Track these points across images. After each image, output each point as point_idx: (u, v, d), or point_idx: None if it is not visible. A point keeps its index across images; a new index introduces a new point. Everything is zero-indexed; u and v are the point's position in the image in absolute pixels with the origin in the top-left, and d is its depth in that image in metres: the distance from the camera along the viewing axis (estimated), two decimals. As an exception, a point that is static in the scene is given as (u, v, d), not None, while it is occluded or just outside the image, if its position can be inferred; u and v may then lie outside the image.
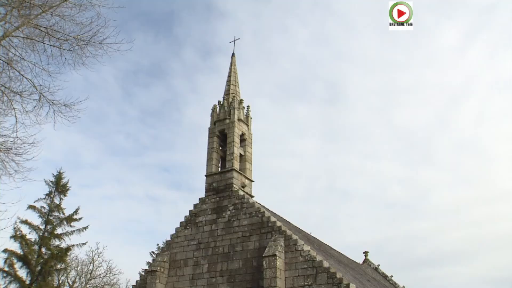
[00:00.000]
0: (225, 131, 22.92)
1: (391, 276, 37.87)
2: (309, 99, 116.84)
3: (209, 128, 23.59)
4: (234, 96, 23.99)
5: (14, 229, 33.57)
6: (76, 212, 36.36)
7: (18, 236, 33.75)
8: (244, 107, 24.02)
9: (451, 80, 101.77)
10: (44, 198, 35.75)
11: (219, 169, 22.56)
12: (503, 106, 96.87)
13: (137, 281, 22.72)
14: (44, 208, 35.50)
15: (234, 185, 21.27)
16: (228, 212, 20.75)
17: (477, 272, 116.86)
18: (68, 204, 66.64)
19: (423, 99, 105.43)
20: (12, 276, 33.33)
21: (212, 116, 23.90)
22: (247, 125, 23.79)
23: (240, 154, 22.75)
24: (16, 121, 12.94)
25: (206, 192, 22.03)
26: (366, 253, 39.62)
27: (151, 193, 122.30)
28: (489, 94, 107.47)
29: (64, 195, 36.47)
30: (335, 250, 30.44)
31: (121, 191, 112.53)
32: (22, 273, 33.86)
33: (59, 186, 36.14)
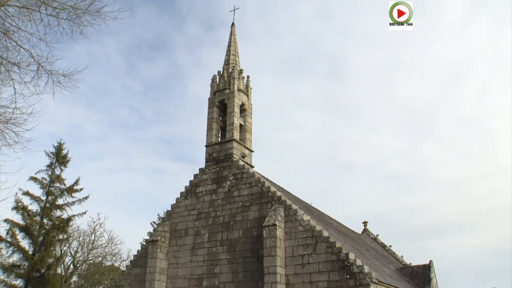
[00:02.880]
0: (225, 101, 22.79)
1: (390, 246, 38.26)
2: (311, 73, 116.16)
3: (209, 99, 23.44)
4: (234, 66, 23.76)
5: (15, 200, 33.77)
6: (76, 182, 36.51)
7: (19, 207, 33.95)
8: (244, 77, 23.83)
9: (455, 55, 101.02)
10: (45, 170, 35.85)
11: (219, 139, 22.53)
12: (506, 82, 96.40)
13: (138, 250, 22.91)
14: (45, 179, 35.62)
15: (234, 155, 21.26)
16: (228, 182, 20.79)
17: (476, 244, 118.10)
18: (71, 176, 66.95)
19: (426, 74, 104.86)
20: (15, 246, 33.64)
21: (212, 86, 23.73)
22: (247, 95, 23.64)
23: (240, 124, 22.67)
24: (15, 92, 12.84)
25: (206, 162, 22.04)
26: (365, 223, 39.91)
27: (154, 166, 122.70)
28: (492, 70, 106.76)
29: (65, 166, 36.56)
30: (335, 220, 30.66)
31: (124, 164, 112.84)
32: (25, 243, 34.21)
33: (59, 157, 36.17)
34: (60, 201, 35.95)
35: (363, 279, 16.06)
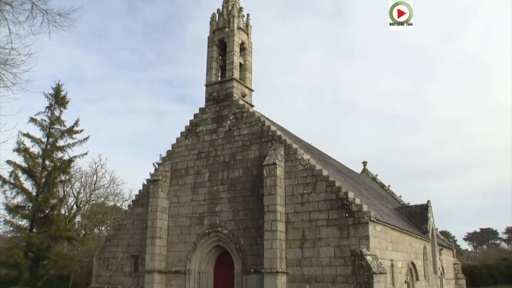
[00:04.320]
0: (225, 40, 22.33)
1: (389, 186, 38.69)
2: (313, 12, 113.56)
3: (208, 37, 22.96)
4: (233, 4, 23.12)
5: (17, 142, 33.90)
6: (76, 124, 36.52)
7: (21, 150, 34.12)
8: (243, 15, 23.24)
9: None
10: (45, 111, 35.76)
11: (219, 78, 22.26)
12: (510, 23, 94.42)
13: (140, 190, 23.17)
14: (45, 121, 35.61)
15: (234, 95, 21.08)
16: (228, 122, 20.72)
17: (475, 184, 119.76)
18: (71, 119, 66.79)
19: (430, 14, 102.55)
20: (19, 187, 34.07)
21: (211, 25, 23.19)
22: (247, 34, 23.15)
23: (240, 63, 22.32)
24: (10, 32, 12.47)
25: (206, 101, 21.88)
26: (364, 163, 40.13)
27: (155, 107, 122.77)
28: (496, 10, 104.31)
29: (64, 108, 36.44)
30: (334, 160, 30.83)
31: (125, 106, 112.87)
32: (28, 185, 34.66)
33: (58, 99, 35.99)
34: (60, 143, 36.12)
35: (361, 218, 16.29)
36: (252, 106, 21.84)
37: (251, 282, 18.08)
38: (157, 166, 23.97)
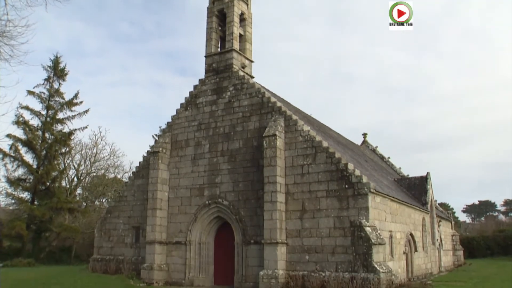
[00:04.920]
0: (224, 10, 22.01)
1: (389, 158, 38.67)
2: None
3: (208, 8, 22.62)
4: (233, -27, 22.67)
5: (16, 115, 33.84)
6: (76, 96, 36.43)
7: (21, 122, 34.11)
8: (243, -15, 22.85)
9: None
10: (43, 84, 35.61)
11: (219, 49, 22.03)
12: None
13: (140, 162, 23.19)
14: (44, 93, 35.51)
15: (234, 66, 20.89)
16: (228, 93, 20.60)
17: (474, 157, 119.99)
18: (71, 91, 66.48)
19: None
20: (19, 160, 34.18)
21: (210, -6, 22.83)
22: (247, 4, 22.81)
23: (240, 34, 22.06)
24: (6, 3, 12.26)
25: (206, 73, 21.70)
26: (364, 134, 40.02)
27: (156, 79, 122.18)
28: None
29: (63, 80, 36.30)
30: (334, 131, 30.78)
31: (125, 78, 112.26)
32: (28, 158, 34.79)
33: (57, 71, 35.79)
34: (60, 115, 36.13)
35: (361, 189, 16.34)
36: (252, 77, 21.68)
37: (251, 253, 18.25)
38: (157, 138, 23.89)
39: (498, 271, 26.49)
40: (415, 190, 27.26)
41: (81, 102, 36.65)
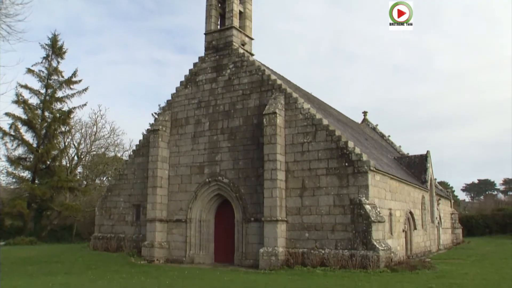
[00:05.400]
0: (224, -14, 21.74)
1: (389, 136, 38.67)
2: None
3: (207, -16, 22.33)
4: (232, -52, 22.33)
5: (15, 94, 33.66)
6: (74, 74, 36.18)
7: (20, 101, 33.96)
8: (243, -39, 22.51)
9: None
10: (42, 62, 35.34)
11: (219, 27, 21.80)
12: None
13: (140, 140, 23.19)
14: (43, 72, 35.27)
15: (234, 43, 20.70)
16: (228, 70, 20.45)
17: (474, 136, 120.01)
18: (71, 70, 66.16)
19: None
20: (19, 139, 34.13)
21: (210, -29, 22.50)
22: (247, -19, 22.49)
23: (240, 11, 21.81)
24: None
25: (205, 50, 21.52)
26: (365, 113, 39.94)
27: (155, 57, 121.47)
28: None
29: (62, 58, 36.04)
30: (335, 109, 30.68)
31: (124, 56, 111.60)
32: (28, 136, 34.73)
33: (55, 49, 35.50)
34: (59, 94, 35.95)
35: (361, 167, 16.35)
36: (252, 54, 21.51)
37: (251, 230, 18.35)
38: (156, 116, 23.83)
39: (496, 249, 26.69)
40: (415, 168, 27.30)
41: (80, 81, 36.44)
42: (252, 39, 22.07)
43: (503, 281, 13.27)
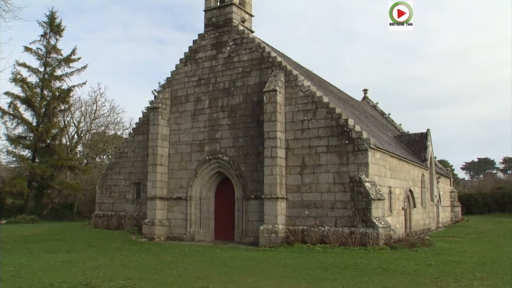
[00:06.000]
0: (224, -38, 21.41)
1: (389, 114, 38.57)
2: None
3: (207, -41, 21.98)
4: None
5: (13, 73, 33.45)
6: (73, 52, 35.91)
7: (18, 80, 33.76)
8: None
9: None
10: (40, 40, 35.03)
11: (218, 3, 21.52)
12: None
13: (140, 118, 23.11)
14: (41, 50, 35.00)
15: (234, 20, 20.47)
16: (228, 48, 20.27)
17: (475, 115, 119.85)
18: (71, 48, 65.66)
19: None
20: (19, 118, 34.04)
21: None
22: (247, -44, 22.14)
23: (240, -13, 21.53)
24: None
25: (205, 27, 21.28)
26: (365, 90, 39.76)
27: (156, 35, 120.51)
28: None
29: (60, 36, 35.72)
30: (335, 87, 30.51)
31: (124, 34, 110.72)
32: (28, 115, 34.64)
33: (53, 27, 35.15)
34: (58, 72, 35.72)
35: (361, 145, 16.32)
36: (252, 32, 21.30)
37: (252, 208, 18.41)
38: (156, 94, 23.70)
39: (495, 227, 26.82)
40: (415, 146, 27.26)
41: (79, 59, 36.18)
42: (252, 16, 21.82)
43: (501, 259, 13.36)
